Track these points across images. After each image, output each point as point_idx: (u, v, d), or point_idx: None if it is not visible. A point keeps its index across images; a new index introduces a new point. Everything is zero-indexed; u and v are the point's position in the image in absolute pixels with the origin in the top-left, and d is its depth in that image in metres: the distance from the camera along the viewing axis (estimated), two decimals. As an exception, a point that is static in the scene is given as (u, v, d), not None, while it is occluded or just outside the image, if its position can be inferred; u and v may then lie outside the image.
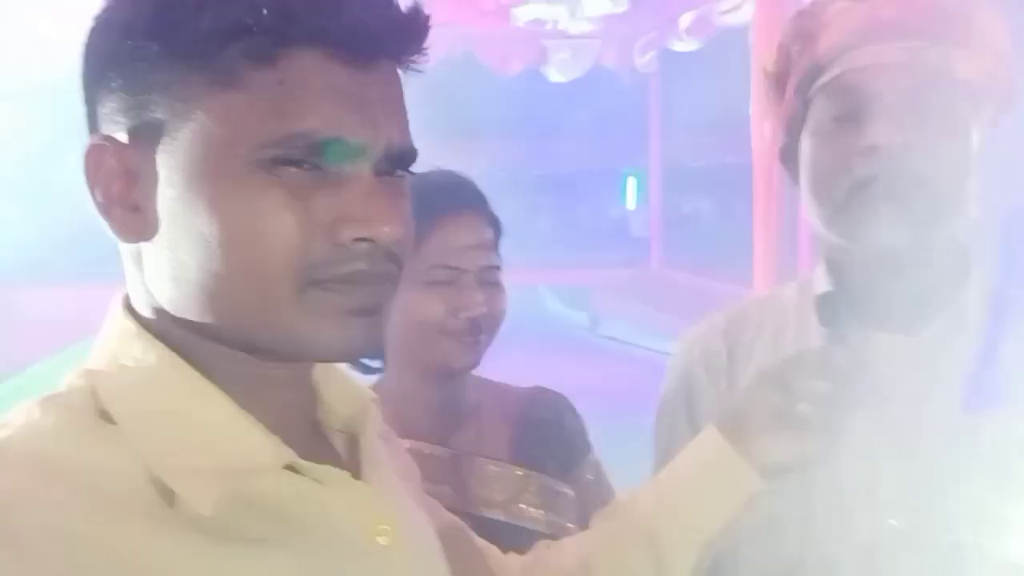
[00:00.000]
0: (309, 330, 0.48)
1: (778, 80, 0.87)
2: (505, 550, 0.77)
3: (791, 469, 0.70)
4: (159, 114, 0.47)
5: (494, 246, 1.00)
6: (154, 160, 0.47)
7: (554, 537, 0.79)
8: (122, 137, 0.48)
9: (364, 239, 0.48)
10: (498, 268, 1.00)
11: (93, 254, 0.55)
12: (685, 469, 0.71)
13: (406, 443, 0.97)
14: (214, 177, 0.46)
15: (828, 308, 0.73)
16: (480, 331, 0.97)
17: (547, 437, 1.05)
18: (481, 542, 0.75)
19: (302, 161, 0.46)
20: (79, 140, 0.50)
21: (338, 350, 0.50)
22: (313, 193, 0.47)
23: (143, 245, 0.49)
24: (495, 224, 1.01)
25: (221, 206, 0.46)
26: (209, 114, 0.46)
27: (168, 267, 0.48)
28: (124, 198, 0.48)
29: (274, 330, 0.48)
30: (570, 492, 1.03)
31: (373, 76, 0.48)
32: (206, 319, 0.48)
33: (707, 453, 0.69)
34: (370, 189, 0.48)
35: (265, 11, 0.45)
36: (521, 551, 0.77)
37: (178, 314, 0.49)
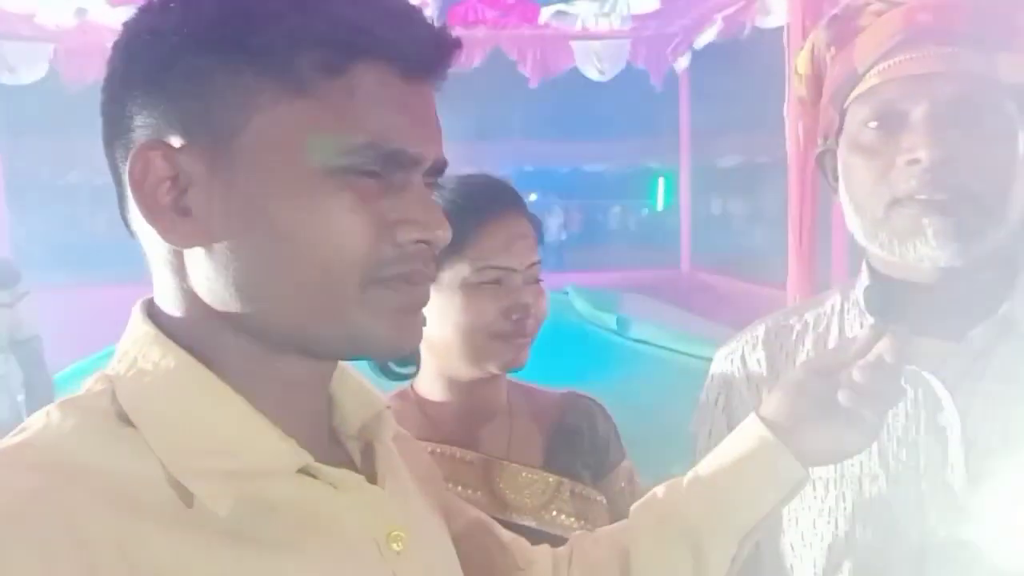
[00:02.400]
0: (366, 326, 0.50)
1: (812, 82, 0.85)
2: None
3: (834, 459, 0.70)
4: (222, 120, 0.47)
5: (536, 244, 1.01)
6: (214, 165, 0.47)
7: None
8: (174, 142, 0.48)
9: (422, 241, 0.50)
10: (540, 266, 1.00)
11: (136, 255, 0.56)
12: (726, 458, 0.69)
13: (439, 448, 0.97)
14: (285, 182, 0.47)
15: (875, 298, 0.72)
16: (528, 332, 0.97)
17: (580, 443, 1.04)
18: (508, 535, 0.74)
19: (369, 170, 0.48)
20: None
21: (390, 346, 0.52)
22: (378, 198, 0.49)
23: (186, 250, 0.49)
24: (535, 223, 1.02)
25: (293, 209, 0.47)
26: (279, 121, 0.47)
27: (228, 269, 0.48)
28: (174, 202, 0.48)
29: (334, 326, 0.49)
30: (602, 499, 1.02)
31: (423, 91, 0.51)
32: (259, 318, 0.49)
33: (749, 442, 0.68)
34: (424, 195, 0.51)
35: (340, 23, 0.47)
36: None
37: (227, 312, 0.49)
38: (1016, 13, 0.74)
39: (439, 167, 0.54)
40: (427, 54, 0.50)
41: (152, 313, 0.53)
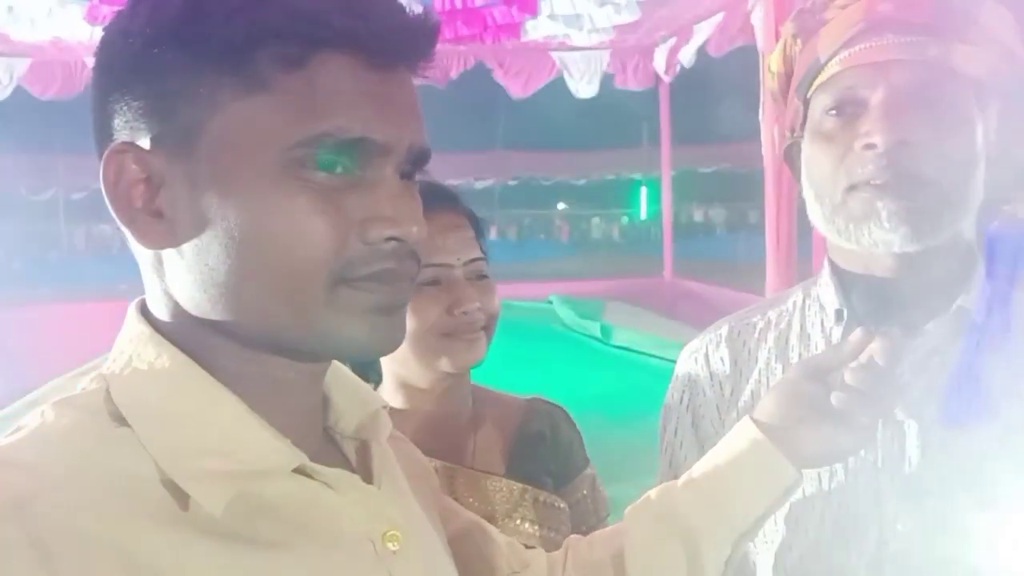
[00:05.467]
0: (337, 327, 0.49)
1: (783, 79, 0.86)
2: None
3: (828, 461, 0.70)
4: (186, 119, 0.47)
5: (476, 240, 0.99)
6: (180, 165, 0.48)
7: (546, 551, 0.78)
8: (144, 143, 0.48)
9: (394, 238, 0.49)
10: (484, 260, 0.99)
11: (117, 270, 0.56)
12: (720, 461, 0.70)
13: None
14: (244, 181, 0.47)
15: (862, 297, 0.72)
16: (479, 327, 0.96)
17: (544, 450, 1.04)
18: (503, 538, 0.74)
19: (331, 163, 0.47)
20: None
21: (364, 347, 0.50)
22: (343, 194, 0.48)
23: (164, 251, 0.49)
24: (473, 220, 1.00)
25: (252, 210, 0.46)
26: (238, 118, 0.47)
27: (195, 272, 0.48)
28: (147, 204, 0.49)
29: (303, 328, 0.49)
30: (565, 506, 1.01)
31: (394, 80, 0.50)
32: (232, 321, 0.49)
33: (743, 445, 0.69)
34: (396, 190, 0.50)
35: (296, 17, 0.46)
36: None
37: (203, 317, 0.49)
38: (975, 8, 0.75)
39: (417, 156, 0.51)
40: (394, 42, 0.49)
41: (147, 313, 0.52)
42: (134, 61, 0.48)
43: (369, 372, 1.03)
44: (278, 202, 0.47)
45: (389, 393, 1.02)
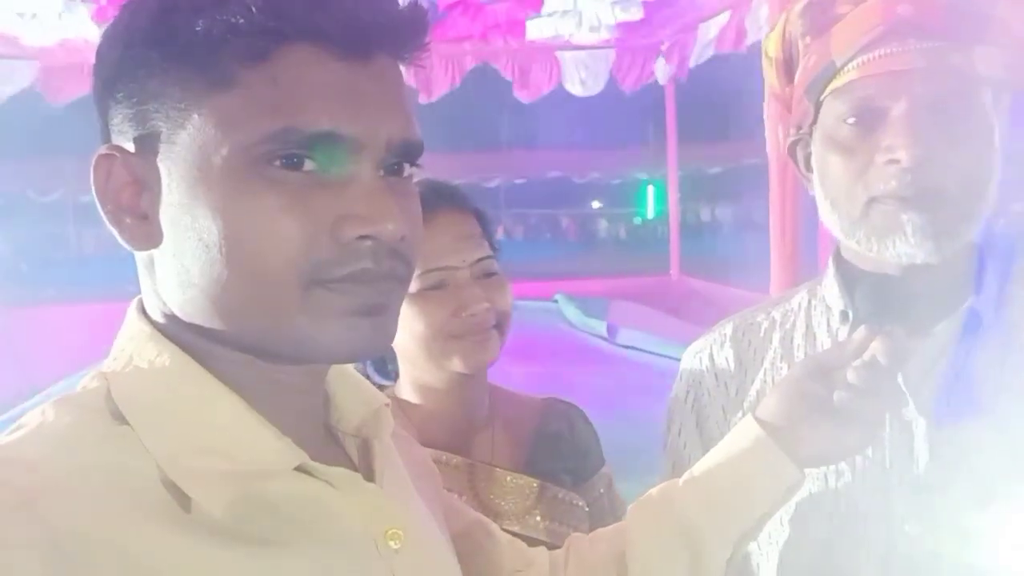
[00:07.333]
0: (314, 331, 0.48)
1: (782, 66, 0.83)
2: None
3: (831, 460, 0.70)
4: (160, 122, 0.47)
5: (483, 238, 0.98)
6: (157, 168, 0.48)
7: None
8: (129, 147, 0.49)
9: (368, 237, 0.47)
10: (492, 258, 0.98)
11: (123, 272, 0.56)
12: (722, 459, 0.69)
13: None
14: (213, 182, 0.46)
15: (871, 298, 0.72)
16: (488, 327, 0.95)
17: (562, 449, 1.04)
18: (506, 537, 0.74)
19: (300, 161, 0.46)
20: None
21: (344, 351, 0.49)
22: (314, 194, 0.46)
23: (154, 252, 0.50)
24: (480, 217, 0.99)
25: (220, 211, 0.46)
26: (205, 118, 0.46)
27: (174, 274, 0.48)
28: (133, 207, 0.49)
29: (280, 332, 0.48)
30: (583, 504, 1.02)
31: (370, 71, 0.48)
32: (213, 324, 0.48)
33: (745, 443, 0.68)
34: (373, 187, 0.48)
35: (257, 10, 0.45)
36: None
37: (187, 319, 0.49)
38: (992, 4, 0.73)
39: (401, 150, 0.50)
40: (364, 31, 0.47)
41: (146, 311, 0.53)
42: (118, 65, 0.48)
43: (385, 370, 1.04)
44: (245, 202, 0.46)
45: (406, 391, 1.02)
